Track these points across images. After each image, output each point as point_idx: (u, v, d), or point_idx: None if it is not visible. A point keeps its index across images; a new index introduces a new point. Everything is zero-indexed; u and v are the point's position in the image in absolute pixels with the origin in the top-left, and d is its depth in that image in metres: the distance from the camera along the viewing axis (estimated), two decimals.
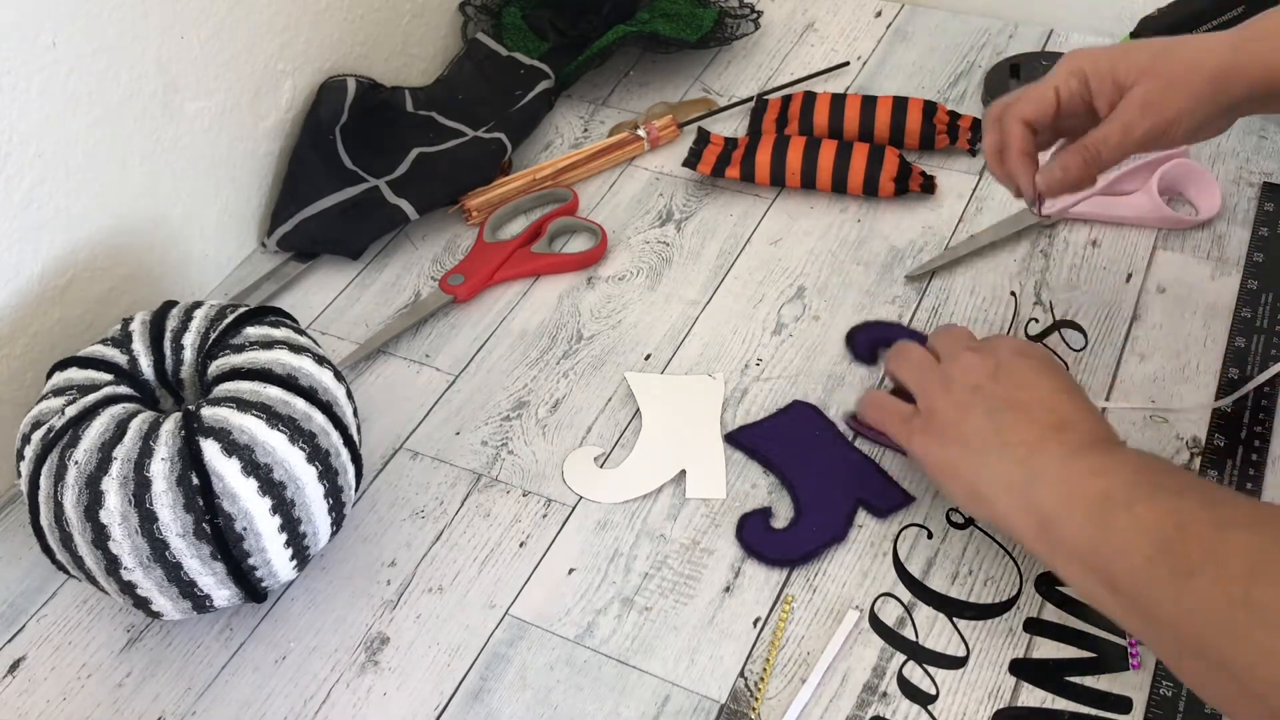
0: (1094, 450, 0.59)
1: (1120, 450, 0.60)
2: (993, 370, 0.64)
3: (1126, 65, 0.66)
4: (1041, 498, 0.58)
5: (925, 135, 0.91)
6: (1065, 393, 0.63)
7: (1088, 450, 0.59)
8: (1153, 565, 0.52)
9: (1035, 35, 1.03)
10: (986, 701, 0.61)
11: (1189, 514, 0.52)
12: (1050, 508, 0.58)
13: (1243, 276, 0.80)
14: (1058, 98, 0.69)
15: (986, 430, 0.62)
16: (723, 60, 1.04)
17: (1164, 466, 0.58)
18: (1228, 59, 0.65)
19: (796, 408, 0.75)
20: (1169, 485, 0.55)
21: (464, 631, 0.67)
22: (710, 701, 0.63)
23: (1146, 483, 0.56)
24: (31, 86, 0.72)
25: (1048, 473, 0.59)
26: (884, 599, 0.66)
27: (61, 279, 0.77)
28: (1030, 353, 0.65)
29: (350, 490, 0.67)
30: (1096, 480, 0.57)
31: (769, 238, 0.88)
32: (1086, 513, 0.56)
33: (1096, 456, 0.58)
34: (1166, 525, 0.52)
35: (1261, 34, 0.65)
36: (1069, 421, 0.61)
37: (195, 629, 0.68)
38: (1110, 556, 0.54)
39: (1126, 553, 0.53)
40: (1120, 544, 0.54)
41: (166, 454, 0.60)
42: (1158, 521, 0.53)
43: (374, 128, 0.95)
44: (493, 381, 0.80)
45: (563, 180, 0.93)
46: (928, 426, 0.65)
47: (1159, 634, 0.53)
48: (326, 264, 0.90)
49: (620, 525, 0.71)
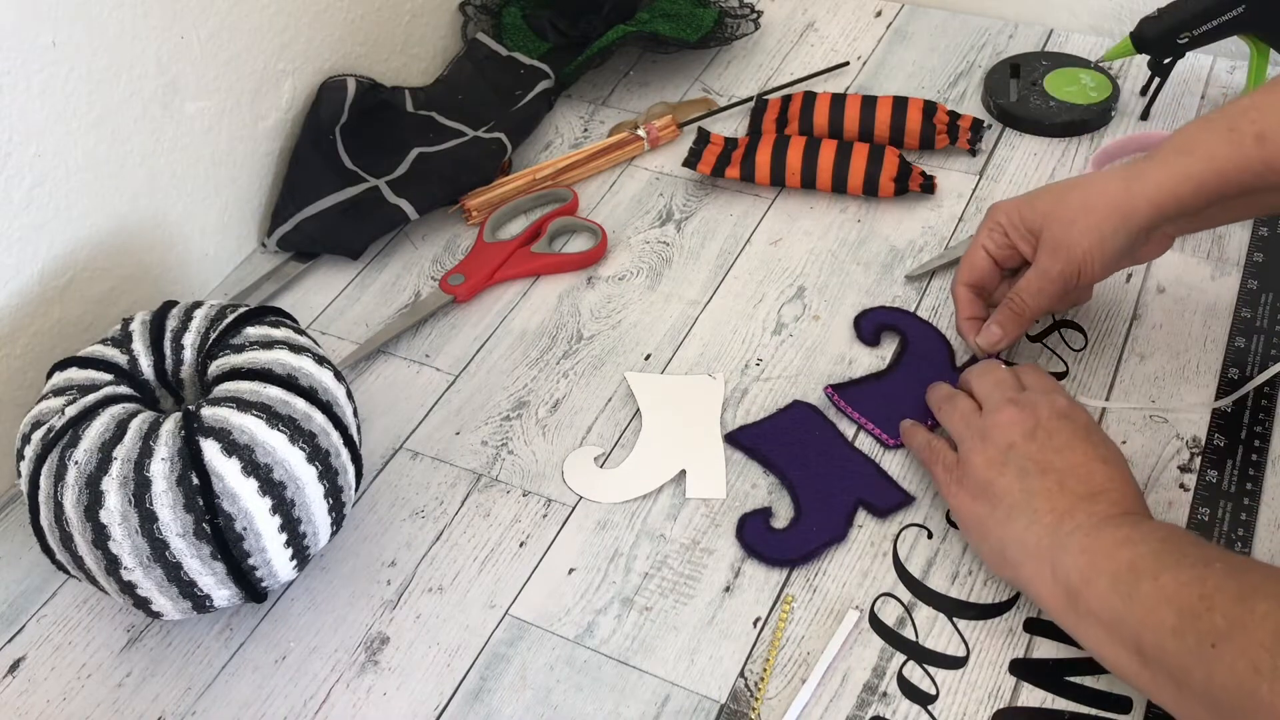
0: (1121, 522, 0.59)
1: (1147, 522, 0.59)
2: (1031, 430, 0.64)
3: (1032, 212, 0.70)
4: (1067, 567, 0.58)
5: (925, 135, 0.91)
6: (1101, 461, 0.62)
7: (1115, 521, 0.59)
8: (1179, 635, 0.52)
9: (1035, 35, 1.03)
10: (986, 701, 0.61)
11: (1214, 583, 0.53)
12: (1076, 577, 0.58)
13: (1243, 276, 0.80)
14: (990, 255, 0.73)
15: (1016, 492, 0.62)
16: (723, 60, 1.04)
17: (1190, 538, 0.58)
18: (1119, 195, 0.67)
19: (796, 407, 0.75)
20: (1194, 555, 0.55)
21: (464, 631, 0.67)
22: (710, 701, 0.63)
23: (1171, 552, 0.55)
24: (31, 86, 0.72)
25: (1074, 542, 0.59)
26: (884, 599, 0.66)
27: (61, 279, 0.77)
28: (1072, 415, 0.65)
29: (350, 490, 0.67)
30: (1122, 550, 0.57)
31: (769, 238, 0.88)
32: (1112, 582, 0.56)
33: (1124, 529, 0.58)
34: (1191, 595, 0.53)
35: (1151, 166, 0.67)
36: (1100, 491, 0.61)
37: (195, 629, 0.68)
38: (1137, 627, 0.54)
39: (1153, 623, 0.54)
40: (1145, 614, 0.54)
41: (166, 454, 0.60)
42: (1182, 591, 0.53)
43: (374, 128, 0.95)
44: (493, 381, 0.80)
45: (563, 180, 0.93)
46: (963, 479, 0.65)
47: (1191, 704, 0.53)
48: (326, 264, 0.90)
49: (620, 525, 0.71)
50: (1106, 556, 0.57)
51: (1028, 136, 0.93)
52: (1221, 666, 0.50)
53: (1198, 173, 0.65)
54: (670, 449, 0.74)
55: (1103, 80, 0.95)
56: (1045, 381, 0.68)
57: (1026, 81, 0.96)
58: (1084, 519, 0.59)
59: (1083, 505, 0.60)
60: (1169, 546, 0.56)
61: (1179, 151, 0.66)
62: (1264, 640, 0.49)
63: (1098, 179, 0.69)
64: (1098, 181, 0.69)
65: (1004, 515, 0.62)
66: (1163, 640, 0.53)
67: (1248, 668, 0.49)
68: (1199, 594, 0.52)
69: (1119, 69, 0.98)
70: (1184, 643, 0.52)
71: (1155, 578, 0.54)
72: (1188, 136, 0.67)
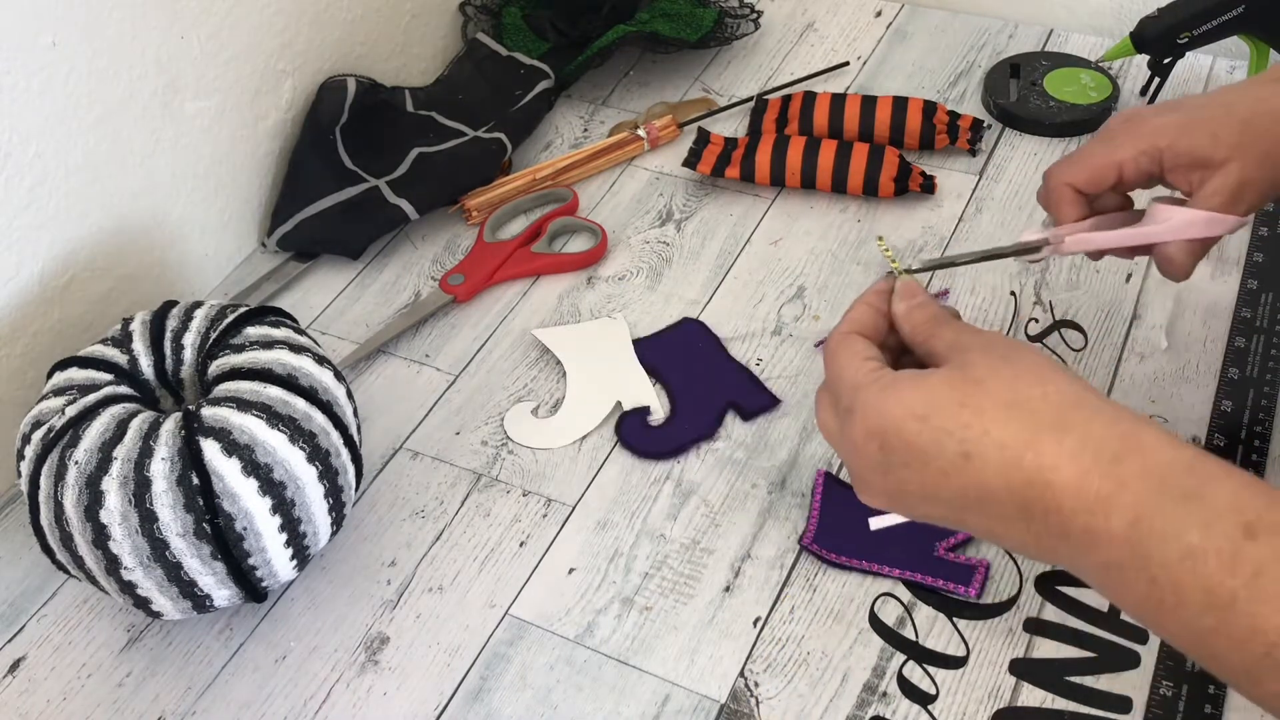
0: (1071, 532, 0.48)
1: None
2: (873, 466, 0.52)
3: (1213, 142, 0.61)
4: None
5: (925, 135, 0.91)
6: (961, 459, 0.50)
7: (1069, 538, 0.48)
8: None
9: (1035, 35, 1.03)
10: (986, 701, 0.61)
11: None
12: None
13: (1243, 276, 0.80)
14: (1121, 175, 0.63)
15: (936, 519, 0.53)
16: (723, 60, 1.04)
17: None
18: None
19: (685, 324, 0.82)
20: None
21: (464, 631, 0.67)
22: (710, 701, 0.63)
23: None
24: (31, 86, 0.72)
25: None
26: (884, 599, 0.66)
27: (61, 279, 0.77)
28: (883, 430, 0.51)
29: (350, 490, 0.67)
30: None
31: (769, 238, 0.88)
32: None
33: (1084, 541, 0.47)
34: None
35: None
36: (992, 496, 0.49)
37: (195, 629, 0.68)
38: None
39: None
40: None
41: (167, 454, 0.60)
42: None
43: (374, 128, 0.95)
44: (493, 381, 0.80)
45: (563, 180, 0.93)
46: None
47: None
48: (326, 264, 0.90)
49: (620, 525, 0.71)
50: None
51: (1028, 136, 0.93)
52: None
53: None
54: (600, 386, 0.78)
55: (1103, 80, 0.95)
56: (836, 383, 0.54)
57: (1026, 81, 0.96)
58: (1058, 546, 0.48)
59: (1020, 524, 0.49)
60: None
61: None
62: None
63: (1272, 106, 0.61)
64: (1270, 100, 0.61)
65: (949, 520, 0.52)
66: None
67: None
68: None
69: (1119, 69, 0.98)
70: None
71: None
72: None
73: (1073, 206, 0.64)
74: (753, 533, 0.70)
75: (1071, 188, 0.64)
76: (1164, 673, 0.61)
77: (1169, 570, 0.44)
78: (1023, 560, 0.67)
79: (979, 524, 0.50)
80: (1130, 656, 0.62)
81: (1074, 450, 0.46)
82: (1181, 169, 0.62)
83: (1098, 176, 0.63)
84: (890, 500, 0.52)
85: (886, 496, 0.52)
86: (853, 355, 0.53)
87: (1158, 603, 0.45)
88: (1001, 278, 0.82)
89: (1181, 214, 0.62)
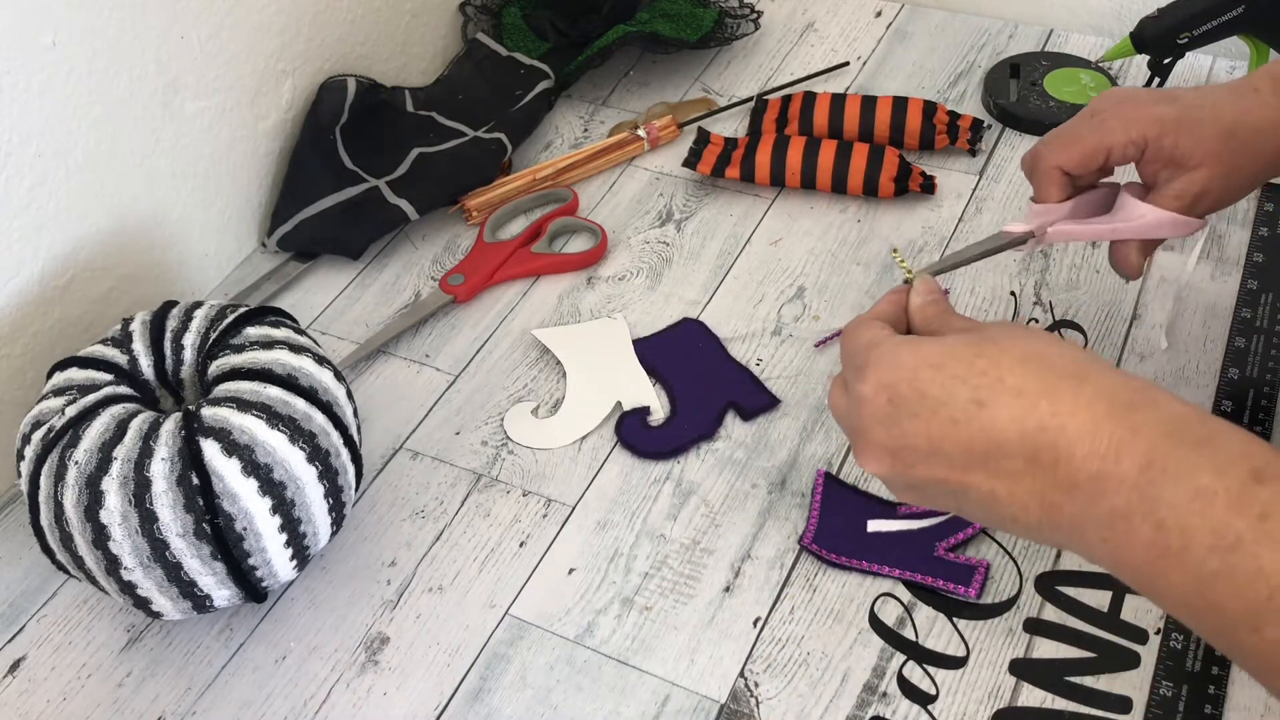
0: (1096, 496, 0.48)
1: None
2: (892, 470, 0.53)
3: (1191, 144, 0.62)
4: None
5: (925, 135, 0.91)
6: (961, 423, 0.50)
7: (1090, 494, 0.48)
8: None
9: (1035, 35, 1.03)
10: (986, 701, 0.61)
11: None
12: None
13: (1243, 276, 0.80)
14: (1107, 158, 0.64)
15: (951, 508, 0.54)
16: (723, 60, 1.04)
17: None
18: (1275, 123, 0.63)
19: (685, 324, 0.82)
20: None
21: (464, 631, 0.67)
22: (710, 701, 0.63)
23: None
24: (31, 86, 0.72)
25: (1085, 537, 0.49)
26: (884, 599, 0.66)
27: (61, 279, 0.77)
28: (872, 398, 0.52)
29: (350, 490, 0.67)
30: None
31: (769, 238, 0.88)
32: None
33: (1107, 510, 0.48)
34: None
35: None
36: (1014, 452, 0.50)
37: (195, 629, 0.68)
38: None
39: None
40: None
41: (167, 454, 0.60)
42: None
43: (374, 128, 0.95)
44: (493, 381, 0.80)
45: (563, 180, 0.93)
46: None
47: None
48: (326, 264, 0.90)
49: (620, 525, 0.71)
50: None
51: (1028, 136, 0.93)
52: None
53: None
54: (600, 386, 0.78)
55: (1103, 80, 0.95)
56: (850, 360, 0.54)
57: (1026, 81, 0.96)
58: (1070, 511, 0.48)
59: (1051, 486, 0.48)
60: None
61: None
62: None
63: (1254, 120, 0.63)
64: (1258, 124, 0.63)
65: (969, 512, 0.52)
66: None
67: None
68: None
69: (1119, 69, 0.98)
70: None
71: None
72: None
73: (1060, 189, 0.66)
74: (753, 533, 0.70)
75: (1060, 170, 0.65)
76: (1164, 673, 0.61)
77: (1177, 512, 0.44)
78: (1023, 560, 0.67)
79: (979, 484, 0.49)
80: (1130, 656, 0.62)
81: (1090, 398, 0.47)
82: (1155, 163, 0.64)
83: (1087, 160, 0.65)
84: (892, 459, 0.51)
85: (888, 453, 0.51)
86: (870, 327, 0.54)
87: (1163, 549, 0.45)
88: (1001, 278, 0.82)
89: (1154, 213, 0.64)
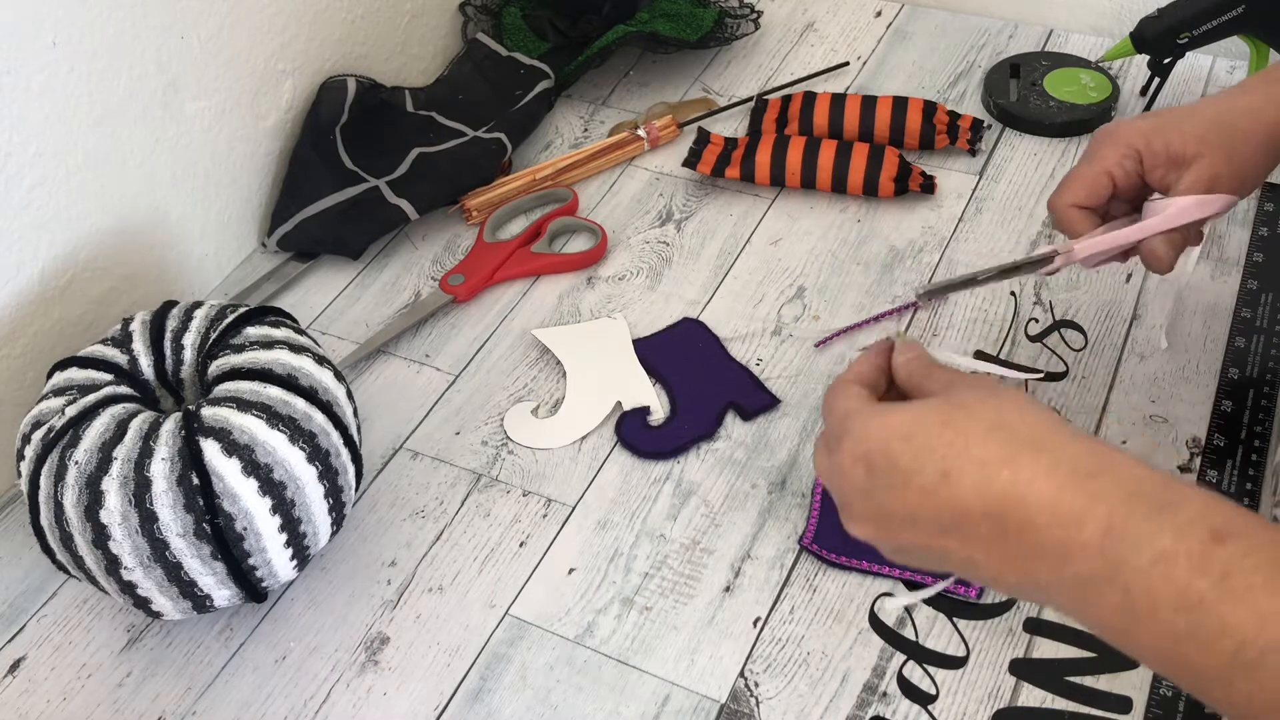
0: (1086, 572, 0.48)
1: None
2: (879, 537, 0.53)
3: (1182, 138, 0.64)
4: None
5: (925, 135, 0.91)
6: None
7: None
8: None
9: (1035, 35, 1.03)
10: (986, 701, 0.61)
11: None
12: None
13: (1243, 276, 0.80)
14: (1112, 181, 0.66)
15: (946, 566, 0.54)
16: (723, 60, 1.04)
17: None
18: (1276, 120, 0.65)
19: (684, 323, 0.82)
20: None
21: (464, 631, 0.67)
22: (710, 701, 0.63)
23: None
24: (31, 86, 0.72)
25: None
26: (884, 599, 0.66)
27: (61, 279, 0.77)
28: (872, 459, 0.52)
29: (350, 490, 0.67)
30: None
31: (769, 238, 0.88)
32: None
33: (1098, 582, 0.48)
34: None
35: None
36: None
37: (195, 629, 0.68)
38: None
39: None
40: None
41: (167, 454, 0.60)
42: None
43: (374, 128, 0.95)
44: (493, 381, 0.80)
45: (563, 180, 0.93)
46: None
47: None
48: (326, 264, 0.90)
49: (620, 525, 0.71)
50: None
51: (1028, 136, 0.93)
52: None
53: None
54: (600, 386, 0.78)
55: (1103, 80, 0.95)
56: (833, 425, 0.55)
57: (1026, 81, 0.96)
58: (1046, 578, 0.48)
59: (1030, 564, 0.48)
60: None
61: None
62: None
63: (1243, 105, 0.66)
64: (1248, 108, 0.65)
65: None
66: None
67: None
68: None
69: (1119, 69, 0.98)
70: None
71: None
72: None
73: (1084, 223, 0.67)
74: (753, 533, 0.70)
75: (1076, 207, 0.67)
76: None
77: (1141, 576, 0.45)
78: None
79: (957, 549, 0.50)
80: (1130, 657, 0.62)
81: (1049, 466, 0.48)
82: (1159, 168, 0.65)
83: (1092, 189, 0.66)
84: (875, 527, 0.52)
85: (872, 523, 0.52)
86: (848, 393, 0.55)
87: (1131, 612, 0.45)
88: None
89: (1174, 203, 0.65)
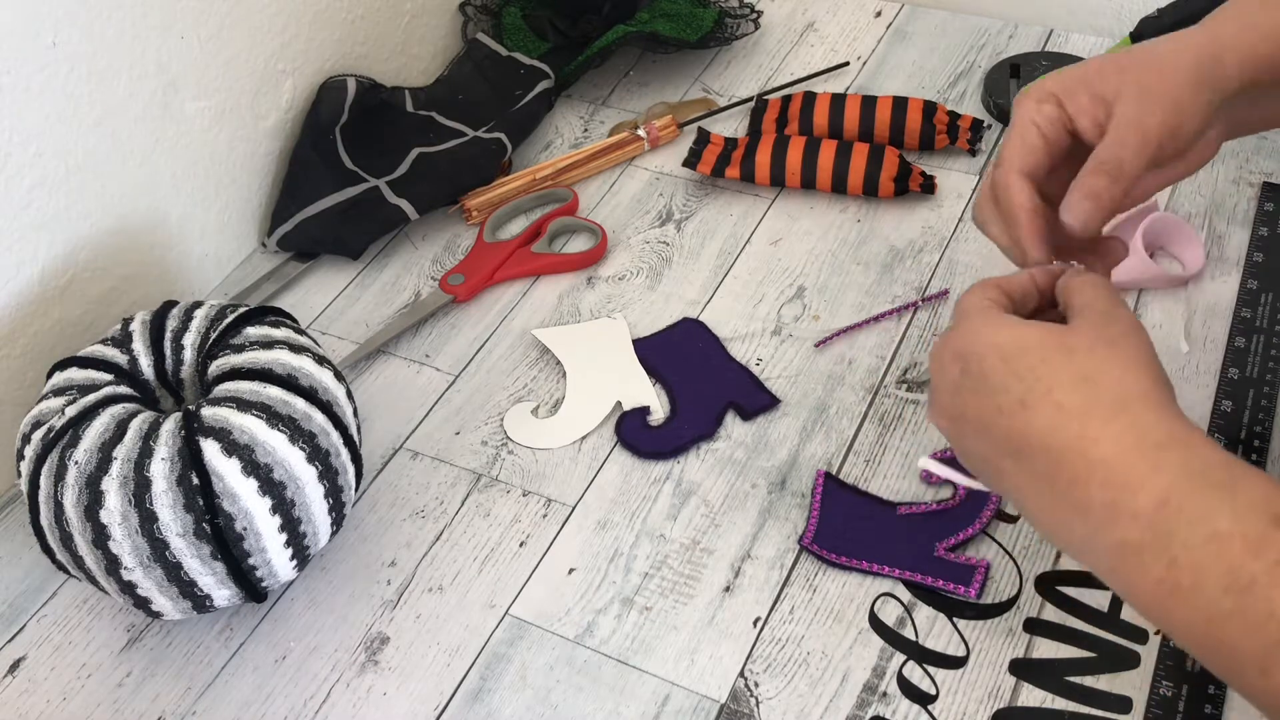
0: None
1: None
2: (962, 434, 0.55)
3: (1101, 75, 0.58)
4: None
5: (925, 135, 0.91)
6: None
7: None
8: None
9: (1035, 35, 1.03)
10: (986, 701, 0.61)
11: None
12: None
13: (1243, 276, 0.80)
14: (1040, 133, 0.59)
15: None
16: (723, 60, 1.04)
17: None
18: (1205, 45, 0.58)
19: (684, 323, 0.82)
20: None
21: (464, 631, 0.67)
22: (710, 701, 0.63)
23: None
24: (31, 86, 0.72)
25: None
26: (884, 599, 0.66)
27: (61, 279, 0.77)
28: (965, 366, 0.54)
29: (350, 490, 0.67)
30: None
31: (769, 238, 0.88)
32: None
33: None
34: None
35: (1231, 17, 0.59)
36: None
37: (195, 629, 0.68)
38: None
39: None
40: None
41: (166, 454, 0.60)
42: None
43: (374, 128, 0.95)
44: (493, 381, 0.80)
45: (563, 180, 0.93)
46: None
47: None
48: (326, 264, 0.90)
49: (620, 525, 0.71)
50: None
51: None
52: None
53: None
54: (600, 386, 0.78)
55: None
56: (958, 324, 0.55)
57: (1026, 81, 0.96)
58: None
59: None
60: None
61: (1263, 6, 0.58)
62: None
63: (1166, 38, 0.59)
64: (1171, 39, 0.59)
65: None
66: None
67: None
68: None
69: None
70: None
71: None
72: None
73: (1022, 193, 0.59)
74: (753, 533, 0.70)
75: (1022, 176, 0.59)
76: (1164, 673, 0.61)
77: (1191, 551, 0.45)
78: (1023, 560, 0.67)
79: (1011, 474, 0.52)
80: (1130, 656, 0.62)
81: (1120, 431, 0.48)
82: (1084, 114, 0.58)
83: (1032, 147, 0.59)
84: (950, 422, 0.54)
85: (949, 418, 0.54)
86: (981, 293, 0.56)
87: (1173, 586, 0.45)
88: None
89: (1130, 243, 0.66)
